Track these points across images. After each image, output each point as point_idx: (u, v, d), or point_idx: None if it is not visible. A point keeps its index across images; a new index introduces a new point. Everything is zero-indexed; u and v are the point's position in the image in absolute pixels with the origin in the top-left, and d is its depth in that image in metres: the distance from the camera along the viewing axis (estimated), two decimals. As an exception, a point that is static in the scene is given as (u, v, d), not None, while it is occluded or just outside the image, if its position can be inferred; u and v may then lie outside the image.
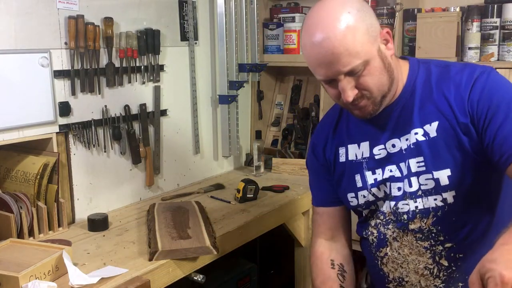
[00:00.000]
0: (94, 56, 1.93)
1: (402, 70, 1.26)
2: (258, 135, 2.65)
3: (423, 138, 1.20)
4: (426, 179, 1.20)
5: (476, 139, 1.16)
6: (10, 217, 1.65)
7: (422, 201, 1.22)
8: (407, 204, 1.24)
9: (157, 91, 2.20)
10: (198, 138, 2.44)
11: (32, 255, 1.49)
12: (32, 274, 1.37)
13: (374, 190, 1.29)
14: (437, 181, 1.19)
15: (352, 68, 1.13)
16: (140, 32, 2.08)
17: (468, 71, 1.19)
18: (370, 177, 1.29)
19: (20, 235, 1.69)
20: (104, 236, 1.80)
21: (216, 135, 2.56)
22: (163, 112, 2.25)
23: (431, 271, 1.25)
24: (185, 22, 2.32)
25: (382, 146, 1.27)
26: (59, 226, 1.83)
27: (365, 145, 1.31)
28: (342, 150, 1.35)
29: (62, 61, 1.85)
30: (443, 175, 1.18)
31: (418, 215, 1.23)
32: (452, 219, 1.21)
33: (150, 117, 2.19)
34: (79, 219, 1.95)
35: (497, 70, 2.10)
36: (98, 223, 1.86)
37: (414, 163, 1.22)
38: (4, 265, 1.42)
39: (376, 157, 1.28)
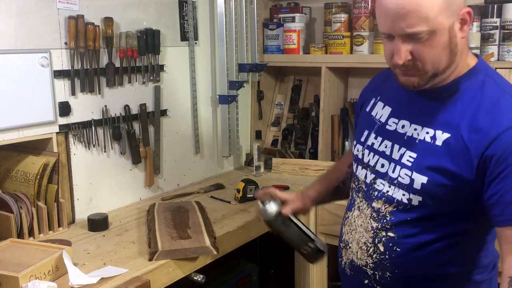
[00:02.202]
0: (94, 56, 1.93)
1: (464, 65, 1.20)
2: (258, 135, 2.65)
3: (429, 140, 1.20)
4: (405, 174, 1.22)
5: (471, 177, 1.13)
6: (10, 217, 1.65)
7: (393, 190, 1.25)
8: (383, 184, 1.27)
9: (157, 91, 2.20)
10: (198, 138, 2.44)
11: (32, 255, 1.49)
12: (32, 274, 1.37)
13: (365, 152, 1.33)
14: (412, 181, 1.20)
15: (415, 31, 1.09)
16: (140, 32, 2.08)
17: (509, 113, 1.12)
18: (371, 139, 1.33)
19: (20, 235, 1.69)
20: (104, 236, 1.80)
21: (216, 135, 2.56)
22: (163, 112, 2.25)
23: (368, 248, 1.30)
24: (185, 22, 2.32)
25: (396, 120, 1.28)
26: (59, 226, 1.83)
27: (387, 109, 1.32)
28: (372, 101, 1.38)
29: (62, 61, 1.86)
30: (419, 180, 1.19)
31: (383, 198, 1.27)
32: (407, 218, 1.23)
33: (150, 117, 2.19)
34: (79, 219, 1.95)
35: (497, 70, 2.12)
36: (98, 223, 1.86)
37: (407, 156, 1.23)
38: (4, 265, 1.42)
39: (387, 127, 1.30)
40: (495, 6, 2.11)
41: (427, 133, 1.20)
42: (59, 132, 1.86)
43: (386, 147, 1.28)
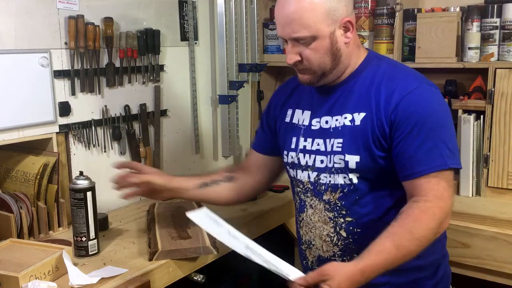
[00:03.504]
0: (94, 56, 1.93)
1: (359, 58, 1.38)
2: (258, 135, 2.65)
3: (349, 124, 1.33)
4: (339, 159, 1.34)
5: (386, 144, 1.29)
6: (10, 217, 1.65)
7: (334, 177, 1.36)
8: (326, 177, 1.38)
9: (157, 91, 2.20)
10: (198, 138, 2.44)
11: (32, 255, 1.49)
12: (32, 274, 1.37)
13: (300, 155, 1.43)
14: (346, 163, 1.33)
15: (298, 36, 1.28)
16: (140, 32, 2.08)
17: (408, 81, 1.30)
18: (301, 143, 1.43)
19: (20, 235, 1.69)
20: (104, 236, 1.80)
21: (216, 135, 2.56)
22: (163, 112, 2.26)
23: (332, 239, 1.40)
24: (185, 22, 2.32)
25: (318, 120, 1.41)
26: (59, 226, 1.83)
27: (307, 113, 1.44)
28: (289, 112, 1.49)
29: (62, 61, 1.86)
30: (352, 160, 1.31)
31: (329, 189, 1.38)
32: (355, 197, 1.35)
33: (150, 117, 2.19)
34: (79, 219, 1.95)
35: (497, 70, 2.13)
36: (98, 223, 1.86)
37: (336, 143, 1.35)
38: (4, 265, 1.42)
39: (312, 127, 1.41)
40: (495, 6, 2.10)
41: (345, 118, 1.34)
42: (59, 132, 1.86)
43: (318, 144, 1.39)
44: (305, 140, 1.42)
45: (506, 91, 2.04)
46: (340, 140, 1.34)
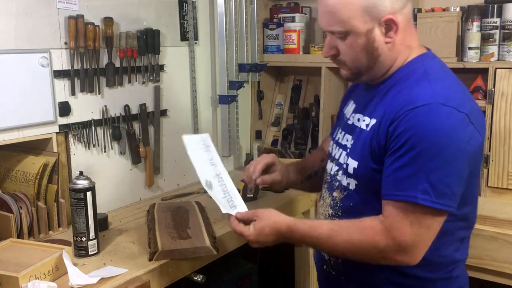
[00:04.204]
0: (94, 56, 1.93)
1: (406, 61, 1.27)
2: (258, 135, 2.65)
3: (364, 127, 1.28)
4: (347, 160, 1.31)
5: (380, 156, 1.21)
6: (10, 217, 1.65)
7: (342, 177, 1.33)
8: (341, 174, 1.34)
9: (157, 91, 2.20)
10: (198, 138, 2.44)
11: (32, 255, 1.49)
12: (32, 274, 1.37)
13: (333, 146, 1.42)
14: (347, 166, 1.30)
15: (332, 30, 1.24)
16: (140, 32, 2.08)
17: (421, 96, 1.16)
18: (337, 134, 1.42)
19: (20, 235, 1.69)
20: (104, 236, 1.80)
21: (216, 135, 2.56)
22: (163, 112, 2.26)
23: None
24: (185, 22, 2.32)
25: (354, 114, 1.37)
26: (59, 226, 1.83)
27: (352, 106, 1.41)
28: (348, 101, 1.47)
29: (62, 61, 1.86)
30: (351, 165, 1.28)
31: (338, 187, 1.35)
32: (350, 204, 1.31)
33: (150, 117, 2.19)
34: (79, 219, 1.95)
35: (497, 70, 2.12)
36: (98, 223, 1.86)
37: (350, 143, 1.32)
38: (4, 265, 1.42)
39: (348, 121, 1.38)
40: (495, 6, 2.10)
41: (364, 120, 1.30)
42: (59, 132, 1.86)
43: (347, 140, 1.35)
44: (341, 133, 1.39)
45: (506, 91, 2.04)
46: (352, 142, 1.31)
